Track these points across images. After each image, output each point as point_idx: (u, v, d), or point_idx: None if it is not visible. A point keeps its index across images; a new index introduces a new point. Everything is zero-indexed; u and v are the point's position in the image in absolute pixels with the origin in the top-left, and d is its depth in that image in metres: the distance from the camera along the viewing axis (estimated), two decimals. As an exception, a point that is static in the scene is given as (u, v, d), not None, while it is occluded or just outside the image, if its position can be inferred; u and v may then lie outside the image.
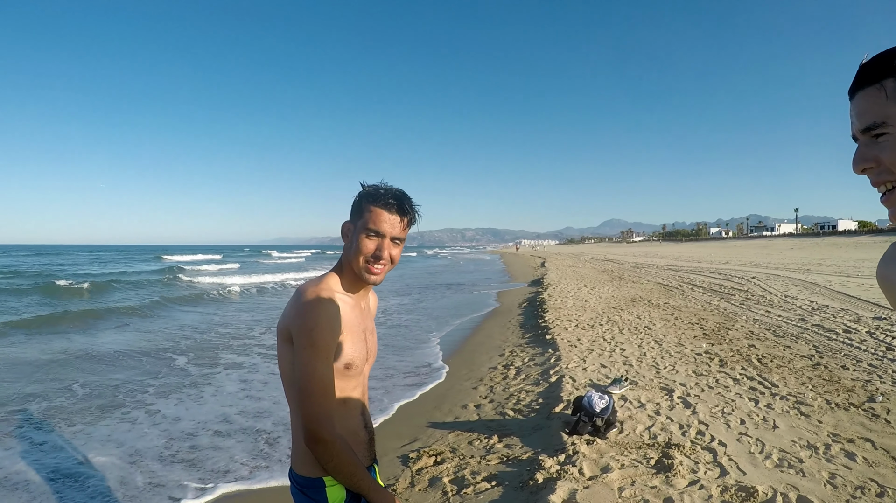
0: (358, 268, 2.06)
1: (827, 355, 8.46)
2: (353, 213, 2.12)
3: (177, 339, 12.77)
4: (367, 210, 2.04)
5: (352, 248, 2.06)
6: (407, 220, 2.10)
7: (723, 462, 4.62)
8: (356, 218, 2.09)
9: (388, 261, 2.07)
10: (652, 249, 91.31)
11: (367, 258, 2.03)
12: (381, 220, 2.02)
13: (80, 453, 6.02)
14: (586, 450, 4.87)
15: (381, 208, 2.03)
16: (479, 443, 5.56)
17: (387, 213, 2.03)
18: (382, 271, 2.08)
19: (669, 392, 6.68)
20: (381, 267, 2.06)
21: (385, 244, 2.04)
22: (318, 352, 1.87)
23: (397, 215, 2.05)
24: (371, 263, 2.04)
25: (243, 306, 20.14)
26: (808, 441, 5.13)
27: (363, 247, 2.02)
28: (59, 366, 9.83)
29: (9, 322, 14.57)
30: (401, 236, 2.09)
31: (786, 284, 19.09)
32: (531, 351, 9.83)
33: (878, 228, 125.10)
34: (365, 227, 2.03)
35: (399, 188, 2.13)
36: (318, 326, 1.88)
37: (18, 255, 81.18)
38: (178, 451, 6.08)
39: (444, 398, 7.56)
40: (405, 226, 2.10)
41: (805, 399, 6.36)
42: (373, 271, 2.05)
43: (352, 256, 2.06)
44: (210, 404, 7.71)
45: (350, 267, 2.09)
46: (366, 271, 2.05)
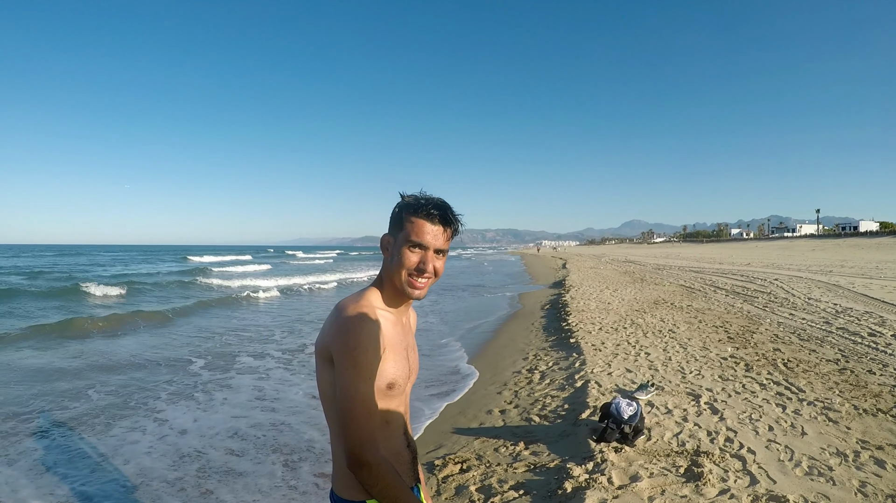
0: (400, 283, 1.97)
1: (853, 359, 8.40)
2: (392, 224, 2.03)
3: (206, 345, 12.61)
4: (409, 221, 1.96)
5: (393, 262, 1.98)
6: (450, 231, 2.01)
7: (752, 470, 4.59)
8: (396, 230, 2.00)
9: (431, 275, 1.99)
10: (673, 250, 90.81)
11: (409, 272, 1.95)
12: (424, 232, 1.94)
13: (83, 472, 5.76)
14: (615, 459, 4.86)
15: (423, 219, 1.94)
16: (506, 450, 5.54)
17: (429, 224, 1.95)
18: (426, 285, 2.00)
19: (696, 397, 6.65)
20: (425, 280, 1.98)
21: (429, 257, 1.95)
22: (360, 373, 1.79)
23: (440, 226, 1.97)
24: (414, 277, 1.96)
25: (287, 309, 19.66)
26: (837, 448, 5.09)
27: (405, 260, 1.94)
28: (74, 372, 9.68)
29: (33, 326, 14.38)
30: (444, 248, 2.00)
31: (808, 286, 18.95)
32: (555, 354, 9.81)
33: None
34: (407, 239, 1.95)
35: (440, 197, 2.03)
36: (359, 346, 1.81)
37: (46, 256, 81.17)
38: (185, 475, 5.62)
39: (469, 403, 7.56)
40: (448, 236, 2.01)
41: (832, 404, 6.30)
42: (416, 285, 1.97)
43: (393, 270, 1.98)
44: (221, 413, 7.55)
45: (391, 281, 2.01)
46: (409, 285, 1.97)
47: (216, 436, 6.68)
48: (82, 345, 12.21)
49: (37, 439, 6.56)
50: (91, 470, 5.78)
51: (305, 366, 10.06)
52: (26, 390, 8.46)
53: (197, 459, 6.03)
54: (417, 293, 1.99)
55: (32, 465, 5.88)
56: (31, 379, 9.21)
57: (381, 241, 2.07)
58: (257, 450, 6.28)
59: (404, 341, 2.08)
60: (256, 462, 5.96)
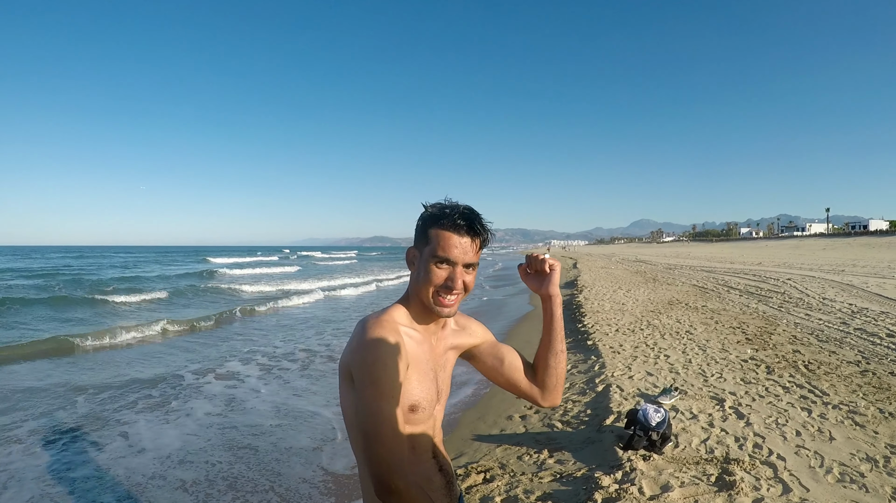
0: (427, 300, 1.86)
1: (874, 361, 8.30)
2: (417, 237, 1.91)
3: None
4: (434, 234, 1.83)
5: (419, 278, 1.86)
6: (479, 242, 1.87)
7: (784, 477, 4.51)
8: (422, 244, 1.87)
9: (461, 291, 1.86)
10: (683, 250, 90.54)
11: (437, 289, 1.84)
12: (451, 246, 1.81)
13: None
14: (644, 467, 4.77)
15: (449, 231, 1.81)
16: (529, 459, 5.46)
17: (456, 237, 1.82)
18: (455, 302, 1.87)
19: (720, 401, 6.56)
20: (454, 297, 1.86)
21: (457, 272, 1.83)
22: (381, 391, 1.67)
23: (468, 237, 1.83)
24: (442, 295, 1.84)
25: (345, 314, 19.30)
26: (866, 453, 5.01)
27: (433, 276, 1.82)
28: (61, 390, 9.02)
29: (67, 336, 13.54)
30: (473, 261, 1.87)
31: (822, 286, 18.80)
32: (573, 357, 9.72)
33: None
34: (433, 254, 1.82)
35: (467, 205, 1.89)
36: (378, 361, 1.69)
37: (68, 257, 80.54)
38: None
39: (488, 408, 7.47)
40: (478, 248, 1.87)
41: (858, 408, 6.22)
42: (444, 303, 1.85)
43: (420, 287, 1.86)
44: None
45: (419, 297, 1.89)
46: (436, 304, 1.85)
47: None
48: (128, 367, 10.92)
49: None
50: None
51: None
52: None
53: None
54: (447, 311, 1.87)
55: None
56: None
57: (407, 255, 1.97)
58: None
59: (432, 361, 1.96)
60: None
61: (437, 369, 1.99)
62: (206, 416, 7.66)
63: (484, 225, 1.89)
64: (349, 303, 23.10)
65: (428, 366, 1.92)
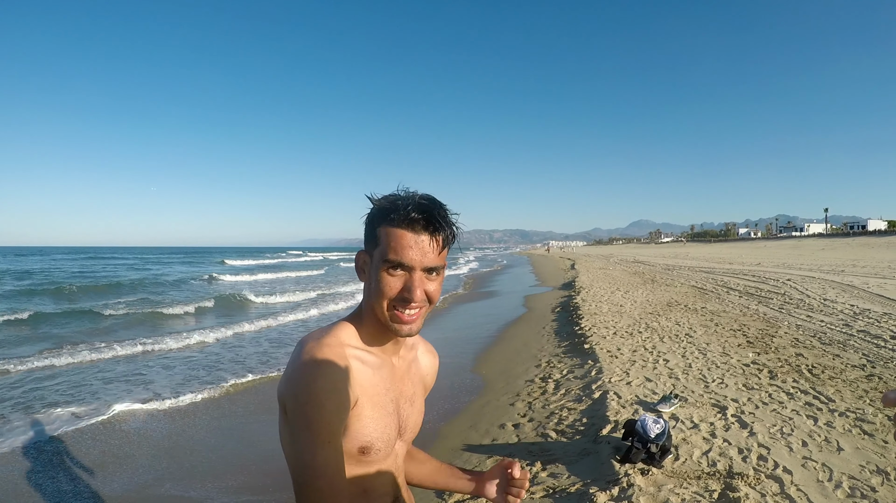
0: (383, 317, 1.51)
1: (879, 364, 8.07)
2: (366, 239, 1.55)
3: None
4: (384, 233, 1.48)
5: (371, 290, 1.52)
6: (441, 239, 1.49)
7: (791, 493, 4.24)
8: (371, 246, 1.53)
9: (422, 303, 1.50)
10: (681, 250, 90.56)
11: (391, 302, 1.49)
12: (404, 247, 1.45)
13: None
14: (642, 482, 4.49)
15: (402, 228, 1.45)
16: (522, 471, 5.18)
17: (411, 235, 1.45)
18: (417, 317, 1.51)
19: (722, 409, 6.29)
20: (415, 312, 1.50)
21: (415, 279, 1.47)
22: (316, 435, 1.36)
23: (426, 234, 1.47)
24: (399, 309, 1.49)
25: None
26: (877, 465, 4.75)
27: (385, 287, 1.47)
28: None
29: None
30: (436, 264, 1.50)
31: (822, 287, 18.62)
32: (569, 362, 9.45)
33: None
34: (383, 257, 1.47)
35: (425, 194, 1.52)
36: (312, 400, 1.36)
37: (78, 259, 78.79)
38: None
39: (481, 416, 7.17)
40: (439, 247, 1.49)
41: (866, 416, 5.98)
42: (403, 319, 1.49)
43: (373, 301, 1.51)
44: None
45: (372, 312, 1.54)
46: (393, 320, 1.50)
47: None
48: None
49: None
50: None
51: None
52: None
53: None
54: (407, 328, 1.51)
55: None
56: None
57: (356, 262, 1.61)
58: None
59: (393, 390, 1.63)
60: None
61: (401, 400, 1.67)
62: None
63: (446, 217, 1.50)
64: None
65: (387, 397, 1.60)
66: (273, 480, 5.55)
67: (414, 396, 1.75)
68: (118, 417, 7.50)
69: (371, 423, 1.53)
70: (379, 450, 1.56)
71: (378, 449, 1.55)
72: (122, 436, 6.91)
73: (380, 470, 1.60)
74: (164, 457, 6.29)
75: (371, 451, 1.54)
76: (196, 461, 6.19)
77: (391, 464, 1.65)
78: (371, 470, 1.57)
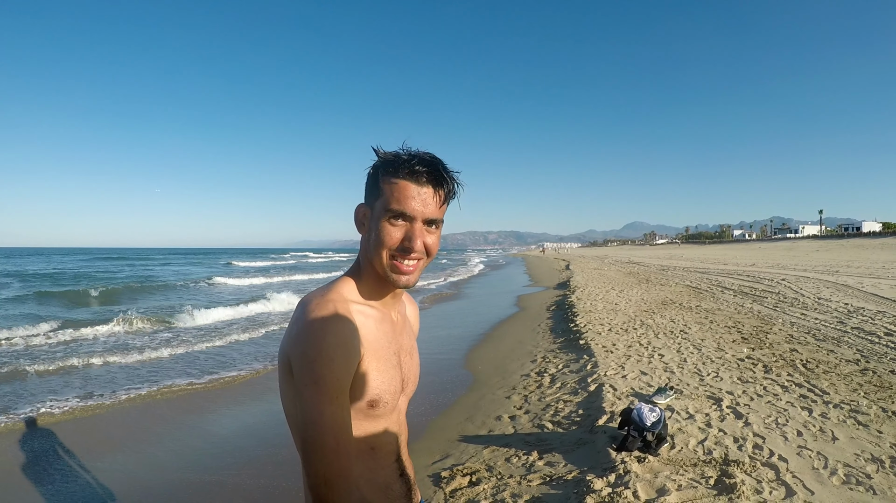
0: (382, 267, 1.52)
1: (873, 359, 8.11)
2: (367, 191, 1.56)
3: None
4: (387, 184, 1.49)
5: (371, 240, 1.53)
6: (443, 194, 1.52)
7: (787, 480, 4.27)
8: (373, 198, 1.54)
9: (421, 254, 1.52)
10: (676, 252, 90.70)
11: (391, 252, 1.50)
12: (408, 197, 1.47)
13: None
14: (638, 469, 4.51)
15: (405, 180, 1.47)
16: (518, 461, 5.19)
17: (414, 186, 1.47)
18: (416, 268, 1.53)
19: (717, 401, 6.32)
20: (413, 262, 1.52)
21: (416, 230, 1.49)
22: (324, 392, 1.36)
23: (429, 187, 1.49)
24: (398, 259, 1.50)
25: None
26: (871, 454, 4.79)
27: (385, 237, 1.48)
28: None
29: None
30: (436, 216, 1.52)
31: (817, 286, 18.68)
32: (565, 357, 9.47)
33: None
34: (386, 207, 1.48)
35: (428, 152, 1.54)
36: (321, 356, 1.36)
37: (87, 260, 77.25)
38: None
39: (477, 409, 7.18)
40: (441, 201, 1.52)
41: (860, 407, 6.00)
42: (402, 269, 1.51)
43: (372, 251, 1.52)
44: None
45: (371, 266, 1.55)
46: (392, 269, 1.51)
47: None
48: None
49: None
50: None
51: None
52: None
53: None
54: (405, 279, 1.52)
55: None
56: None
57: (356, 214, 1.60)
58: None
59: (394, 343, 1.64)
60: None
61: (402, 352, 1.68)
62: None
63: (449, 172, 1.54)
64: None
65: (390, 349, 1.60)
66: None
67: (412, 349, 1.76)
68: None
69: (378, 376, 1.53)
70: (386, 403, 1.56)
71: (385, 401, 1.55)
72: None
73: (386, 425, 1.61)
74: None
75: (379, 404, 1.54)
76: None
77: (395, 418, 1.66)
78: (378, 425, 1.58)
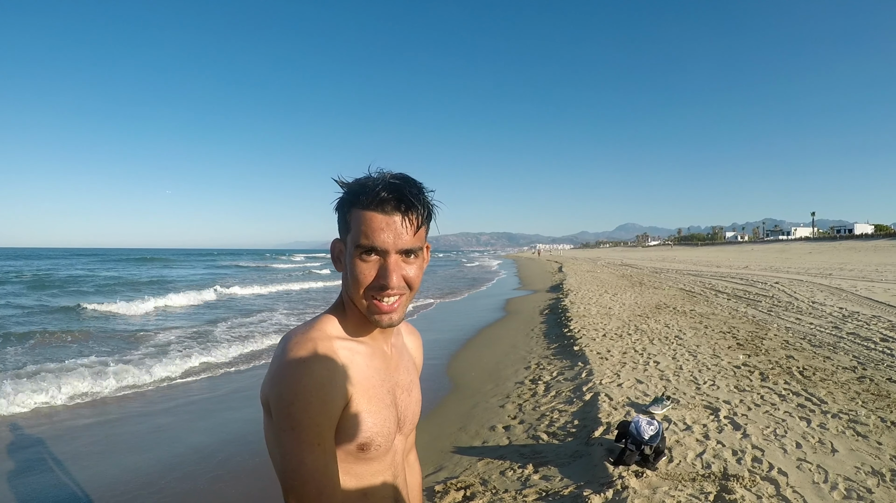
0: (362, 307, 1.42)
1: (870, 366, 8.05)
2: (339, 226, 1.46)
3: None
4: (354, 217, 1.38)
5: (347, 279, 1.43)
6: (416, 219, 1.39)
7: (787, 495, 4.17)
8: (344, 233, 1.44)
9: (401, 289, 1.40)
10: (668, 254, 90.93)
11: (367, 291, 1.39)
12: (375, 229, 1.35)
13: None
14: (636, 485, 4.41)
15: (371, 210, 1.35)
16: (513, 474, 5.08)
17: (381, 216, 1.35)
18: (397, 305, 1.41)
19: (715, 411, 6.23)
20: (394, 299, 1.40)
21: (390, 264, 1.37)
22: (303, 439, 1.27)
23: (398, 214, 1.36)
24: (376, 297, 1.39)
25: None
26: (872, 467, 4.70)
27: (359, 274, 1.37)
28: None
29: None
30: (411, 245, 1.39)
31: (811, 290, 18.69)
32: (559, 363, 9.38)
33: (895, 232, 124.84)
34: (356, 243, 1.37)
35: (397, 173, 1.41)
36: (297, 400, 1.27)
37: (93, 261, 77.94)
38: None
39: (470, 418, 7.08)
40: (415, 227, 1.39)
41: (858, 417, 5.92)
42: (381, 308, 1.40)
43: (351, 291, 1.42)
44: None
45: (353, 303, 1.45)
46: (372, 310, 1.40)
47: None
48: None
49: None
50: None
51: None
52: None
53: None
54: (387, 319, 1.41)
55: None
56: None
57: (332, 251, 1.51)
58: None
59: (388, 380, 1.53)
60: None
61: (398, 389, 1.57)
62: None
63: (419, 195, 1.40)
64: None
65: (383, 388, 1.49)
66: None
67: (411, 385, 1.65)
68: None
69: (369, 418, 1.43)
70: (379, 446, 1.46)
71: (378, 444, 1.45)
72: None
73: (379, 468, 1.50)
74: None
75: (371, 447, 1.44)
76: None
77: (391, 461, 1.55)
78: (371, 468, 1.48)
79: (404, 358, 1.68)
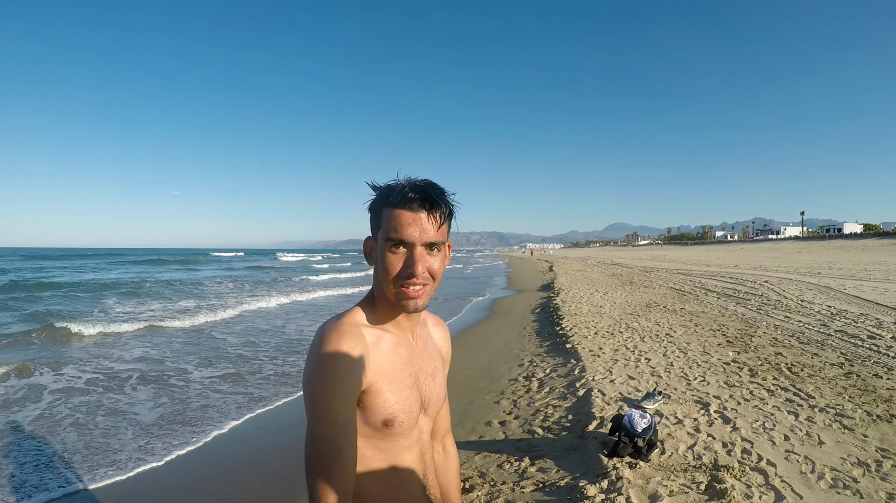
0: (391, 295, 1.58)
1: (857, 363, 8.21)
2: (371, 225, 1.65)
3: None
4: (385, 214, 1.57)
5: (378, 271, 1.60)
6: (439, 216, 1.57)
7: (776, 484, 4.32)
8: (375, 230, 1.62)
9: (425, 279, 1.56)
10: (658, 253, 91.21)
11: (396, 279, 1.56)
12: (403, 224, 1.53)
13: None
14: (630, 475, 4.55)
15: (400, 208, 1.54)
16: (510, 467, 5.21)
17: (409, 214, 1.53)
18: (423, 293, 1.57)
19: (705, 406, 6.37)
20: (419, 287, 1.56)
21: (416, 255, 1.54)
22: (316, 413, 1.43)
23: (423, 211, 1.54)
24: (404, 285, 1.55)
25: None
26: (857, 458, 4.85)
27: (389, 265, 1.55)
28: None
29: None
30: (435, 240, 1.56)
31: (800, 288, 18.88)
32: (552, 361, 9.51)
33: (883, 231, 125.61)
34: (386, 237, 1.55)
35: (424, 179, 1.60)
36: (316, 377, 1.44)
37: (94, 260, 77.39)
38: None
39: (466, 414, 7.20)
40: (438, 223, 1.57)
41: (845, 411, 6.08)
42: (408, 294, 1.56)
43: (381, 281, 1.60)
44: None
45: (383, 294, 1.62)
46: (399, 297, 1.57)
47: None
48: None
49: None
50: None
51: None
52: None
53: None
54: (413, 304, 1.57)
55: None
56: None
57: (364, 248, 1.70)
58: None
59: (411, 365, 1.68)
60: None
61: (422, 374, 1.72)
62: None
63: (441, 195, 1.58)
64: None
65: (404, 372, 1.65)
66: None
67: (435, 371, 1.79)
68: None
69: (391, 397, 1.58)
70: (402, 423, 1.60)
71: (401, 421, 1.59)
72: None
73: (406, 444, 1.64)
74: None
75: (394, 424, 1.58)
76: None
77: (416, 438, 1.69)
78: (397, 446, 1.62)
79: (429, 347, 1.83)
